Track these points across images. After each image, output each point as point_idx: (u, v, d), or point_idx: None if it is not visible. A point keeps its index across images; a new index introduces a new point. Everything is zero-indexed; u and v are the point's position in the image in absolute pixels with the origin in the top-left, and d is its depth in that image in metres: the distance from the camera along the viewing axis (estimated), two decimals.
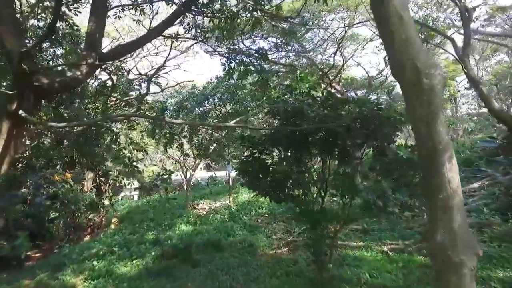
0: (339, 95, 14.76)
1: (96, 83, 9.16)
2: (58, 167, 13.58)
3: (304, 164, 4.87)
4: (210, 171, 37.88)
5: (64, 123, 5.08)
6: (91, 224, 14.85)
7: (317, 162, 5.68)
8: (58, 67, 5.48)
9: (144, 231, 11.45)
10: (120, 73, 10.31)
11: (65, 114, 7.48)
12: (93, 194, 14.26)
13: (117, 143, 14.36)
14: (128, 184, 30.27)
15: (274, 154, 5.16)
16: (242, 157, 6.45)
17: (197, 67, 48.59)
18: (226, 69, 6.62)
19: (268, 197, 5.21)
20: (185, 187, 17.73)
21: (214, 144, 14.00)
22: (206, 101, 11.72)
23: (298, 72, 5.13)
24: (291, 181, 4.75)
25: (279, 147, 4.87)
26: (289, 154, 4.86)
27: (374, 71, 18.40)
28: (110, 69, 9.24)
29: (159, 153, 20.06)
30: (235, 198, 14.93)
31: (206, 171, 37.33)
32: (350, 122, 4.11)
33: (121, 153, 7.35)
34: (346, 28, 15.61)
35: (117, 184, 15.45)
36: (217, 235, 9.45)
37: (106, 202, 15.28)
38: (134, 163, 5.61)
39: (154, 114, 10.63)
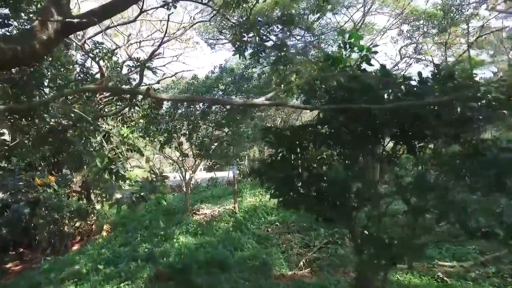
0: None
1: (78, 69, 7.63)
2: (40, 168, 12.18)
3: (372, 168, 3.39)
4: (210, 172, 36.46)
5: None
6: (80, 231, 13.40)
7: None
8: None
9: (137, 242, 9.97)
10: (107, 56, 8.82)
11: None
12: (82, 198, 12.79)
13: (109, 142, 12.96)
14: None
15: (310, 152, 3.67)
16: (261, 157, 4.94)
17: (197, 60, 46.37)
18: (237, 46, 5.16)
19: (315, 216, 3.64)
20: (184, 189, 16.23)
21: (215, 144, 12.52)
22: (208, 94, 10.25)
23: (346, 34, 3.57)
24: (351, 193, 3.24)
25: (333, 142, 3.36)
26: (347, 153, 3.36)
27: (389, 64, 16.92)
28: (96, 52, 7.76)
29: (157, 153, 18.58)
30: (240, 202, 13.44)
31: (206, 172, 35.86)
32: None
33: (99, 152, 5.89)
34: (361, 16, 14.16)
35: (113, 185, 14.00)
36: (222, 250, 7.97)
37: (98, 207, 13.80)
38: (118, 167, 4.17)
39: (147, 107, 9.17)
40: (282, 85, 6.18)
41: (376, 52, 3.65)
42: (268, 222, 10.39)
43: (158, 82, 10.80)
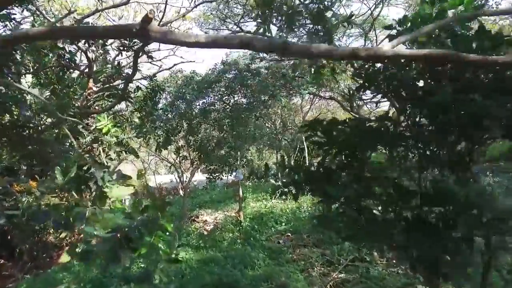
0: None
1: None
2: (20, 172, 10.88)
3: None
4: (208, 174, 35.26)
5: None
6: (67, 242, 12.09)
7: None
8: None
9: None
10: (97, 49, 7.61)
11: None
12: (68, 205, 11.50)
13: (98, 143, 11.73)
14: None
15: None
16: (307, 164, 3.77)
17: (196, 54, 43.30)
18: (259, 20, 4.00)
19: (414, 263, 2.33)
20: (182, 193, 15.03)
21: (216, 145, 11.35)
22: (210, 90, 9.10)
23: None
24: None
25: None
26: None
27: None
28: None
29: (152, 154, 17.29)
30: (243, 207, 12.28)
31: (202, 173, 34.56)
32: None
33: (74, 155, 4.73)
34: (375, 6, 13.06)
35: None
36: (231, 269, 6.80)
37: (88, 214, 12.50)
38: (97, 177, 3.02)
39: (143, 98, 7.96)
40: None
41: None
42: (278, 232, 9.26)
43: (154, 76, 9.61)
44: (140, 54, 7.08)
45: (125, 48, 5.60)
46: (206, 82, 9.44)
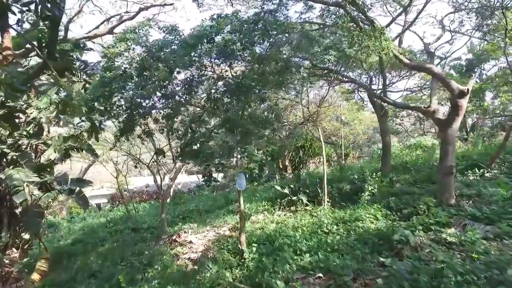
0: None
1: None
2: None
3: None
4: (193, 174, 31.32)
5: None
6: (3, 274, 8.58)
7: None
8: None
9: None
10: None
11: None
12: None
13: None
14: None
15: None
16: None
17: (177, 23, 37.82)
18: None
19: None
20: (161, 202, 11.65)
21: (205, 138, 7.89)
22: (201, 49, 5.81)
23: None
24: None
25: None
26: None
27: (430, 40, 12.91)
28: None
29: (119, 151, 13.70)
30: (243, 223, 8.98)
31: (188, 175, 30.79)
32: None
33: None
34: None
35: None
36: None
37: (26, 236, 8.94)
38: None
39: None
40: None
41: None
42: (302, 270, 6.06)
43: (112, 31, 6.27)
44: None
45: None
46: (197, 36, 5.98)
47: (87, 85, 7.83)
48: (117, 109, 5.96)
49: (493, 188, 7.81)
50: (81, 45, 7.24)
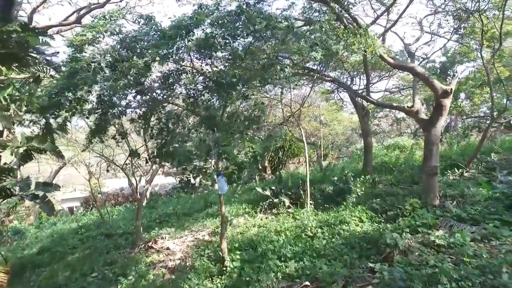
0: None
1: None
2: None
3: None
4: (170, 176, 30.32)
5: None
6: None
7: None
8: None
9: None
10: None
11: None
12: None
13: None
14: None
15: None
16: None
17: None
18: None
19: None
20: (137, 206, 10.98)
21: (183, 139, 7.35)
22: (180, 42, 5.33)
23: None
24: None
25: None
26: None
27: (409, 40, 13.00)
28: None
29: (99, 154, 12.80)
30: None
31: (165, 176, 29.78)
32: None
33: None
34: None
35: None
36: None
37: None
38: None
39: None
40: None
41: None
42: (288, 278, 5.73)
43: (80, 20, 5.64)
44: None
45: None
46: (177, 27, 5.44)
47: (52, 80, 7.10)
48: (85, 103, 5.35)
49: (475, 188, 7.85)
50: (44, 34, 6.48)
